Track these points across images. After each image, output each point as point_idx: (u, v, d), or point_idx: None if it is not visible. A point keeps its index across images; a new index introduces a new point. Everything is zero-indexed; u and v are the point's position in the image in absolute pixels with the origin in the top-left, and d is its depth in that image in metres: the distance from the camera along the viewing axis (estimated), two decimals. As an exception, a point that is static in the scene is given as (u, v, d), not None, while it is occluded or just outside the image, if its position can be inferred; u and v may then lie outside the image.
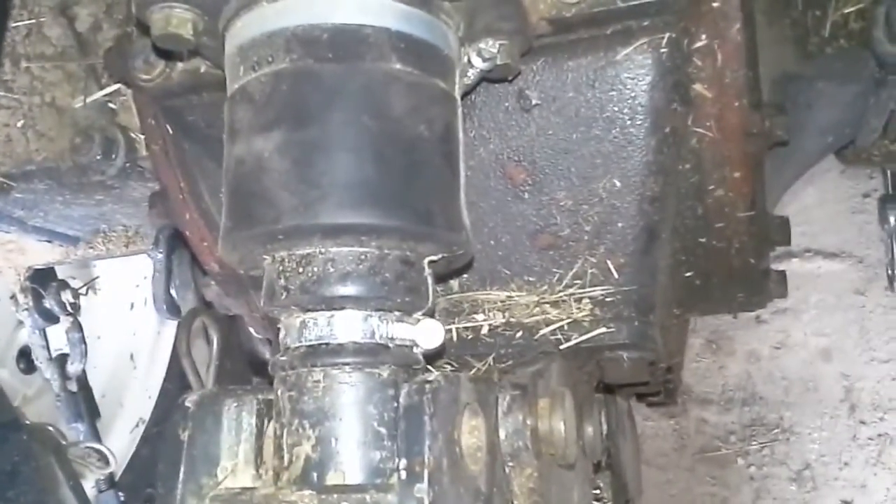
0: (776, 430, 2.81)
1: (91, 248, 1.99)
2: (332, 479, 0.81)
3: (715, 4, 1.13)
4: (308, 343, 0.87)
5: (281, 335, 0.90)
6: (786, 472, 2.77)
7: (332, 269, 0.86)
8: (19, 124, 1.60)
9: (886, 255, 2.10)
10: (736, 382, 2.89)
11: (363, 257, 0.87)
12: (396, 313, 0.89)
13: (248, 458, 0.87)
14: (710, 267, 1.31)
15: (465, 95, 1.05)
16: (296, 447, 0.83)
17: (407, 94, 0.89)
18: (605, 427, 1.58)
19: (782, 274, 1.49)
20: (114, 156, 1.54)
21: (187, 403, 0.88)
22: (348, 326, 0.87)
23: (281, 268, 0.88)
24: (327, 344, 0.86)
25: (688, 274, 1.32)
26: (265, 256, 0.90)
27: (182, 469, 0.84)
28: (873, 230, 2.82)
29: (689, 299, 1.38)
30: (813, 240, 2.95)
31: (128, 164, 1.57)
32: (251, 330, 2.01)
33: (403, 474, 0.78)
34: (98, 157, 1.53)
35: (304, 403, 0.84)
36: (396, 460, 0.81)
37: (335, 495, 0.79)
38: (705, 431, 2.86)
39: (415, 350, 0.90)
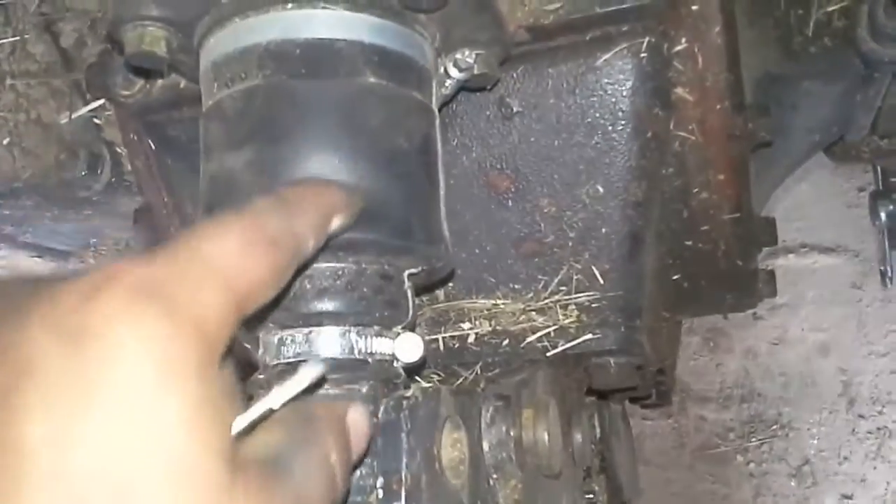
0: (775, 427, 2.81)
1: (82, 262, 1.98)
2: (311, 497, 0.81)
3: (694, 7, 1.12)
4: (286, 360, 0.86)
5: (259, 352, 0.90)
6: (785, 468, 2.77)
7: (308, 286, 0.86)
8: (5, 142, 1.59)
9: (878, 251, 2.10)
10: (734, 379, 2.88)
11: (340, 272, 0.87)
12: (376, 328, 0.88)
13: (228, 477, 0.87)
14: (697, 270, 1.31)
15: (443, 106, 1.05)
16: (276, 466, 0.83)
17: (382, 107, 0.89)
18: (598, 431, 1.58)
19: (771, 273, 1.48)
20: (99, 171, 1.54)
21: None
22: (327, 342, 0.86)
23: (258, 285, 0.88)
24: (305, 361, 0.86)
25: (675, 277, 1.31)
26: (242, 274, 0.90)
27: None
28: (869, 224, 2.82)
29: (678, 302, 1.38)
30: (808, 235, 2.94)
31: (114, 179, 1.57)
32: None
33: (381, 493, 0.78)
34: (84, 173, 1.53)
35: (284, 421, 0.84)
36: (375, 478, 0.80)
37: (315, 514, 0.79)
38: (704, 429, 2.86)
39: (395, 364, 0.90)
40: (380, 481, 0.78)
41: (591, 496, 1.51)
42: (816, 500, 2.73)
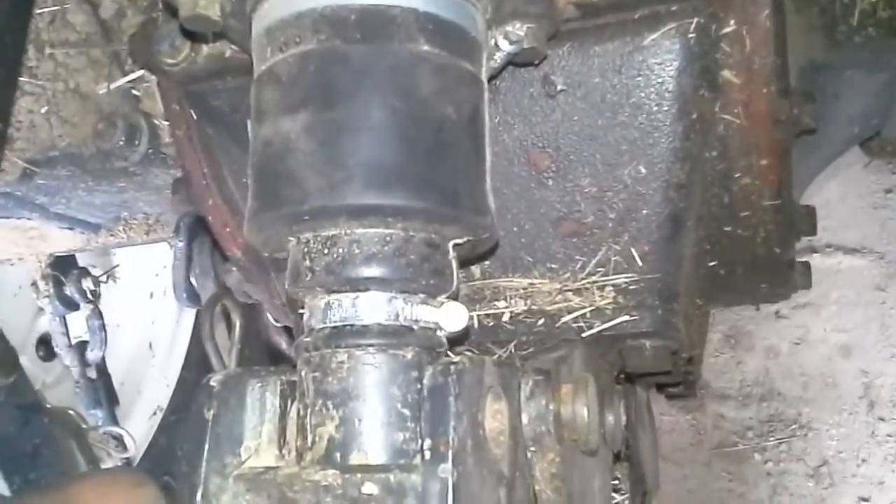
0: (794, 426, 2.79)
1: (112, 235, 2.00)
2: (355, 458, 0.81)
3: (743, -10, 1.11)
4: (332, 324, 0.87)
5: (305, 317, 0.90)
6: (803, 469, 2.75)
7: (357, 251, 0.86)
8: (43, 110, 1.61)
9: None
10: (754, 378, 2.87)
11: (388, 239, 0.87)
12: (421, 295, 0.89)
13: (271, 438, 0.87)
14: (734, 256, 1.30)
15: (491, 79, 1.04)
16: (319, 427, 0.83)
17: (434, 75, 0.89)
18: (624, 417, 1.58)
19: (807, 265, 1.47)
20: (137, 142, 1.55)
21: (212, 383, 0.88)
22: (373, 308, 0.86)
23: (306, 249, 0.88)
24: (352, 325, 0.86)
25: (712, 263, 1.30)
26: (290, 238, 0.90)
27: (206, 447, 0.84)
28: (894, 226, 2.80)
29: (713, 289, 1.37)
30: (834, 235, 2.92)
31: (150, 151, 1.58)
32: (269, 319, 2.01)
33: (428, 454, 0.78)
34: (121, 144, 1.54)
35: (328, 384, 0.84)
36: (420, 441, 0.80)
37: (359, 475, 0.79)
38: (723, 427, 2.84)
39: (438, 333, 0.90)
40: (427, 443, 0.78)
41: (616, 482, 1.51)
42: (833, 501, 2.71)
